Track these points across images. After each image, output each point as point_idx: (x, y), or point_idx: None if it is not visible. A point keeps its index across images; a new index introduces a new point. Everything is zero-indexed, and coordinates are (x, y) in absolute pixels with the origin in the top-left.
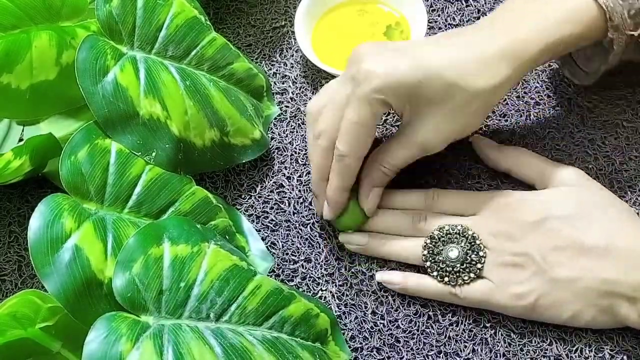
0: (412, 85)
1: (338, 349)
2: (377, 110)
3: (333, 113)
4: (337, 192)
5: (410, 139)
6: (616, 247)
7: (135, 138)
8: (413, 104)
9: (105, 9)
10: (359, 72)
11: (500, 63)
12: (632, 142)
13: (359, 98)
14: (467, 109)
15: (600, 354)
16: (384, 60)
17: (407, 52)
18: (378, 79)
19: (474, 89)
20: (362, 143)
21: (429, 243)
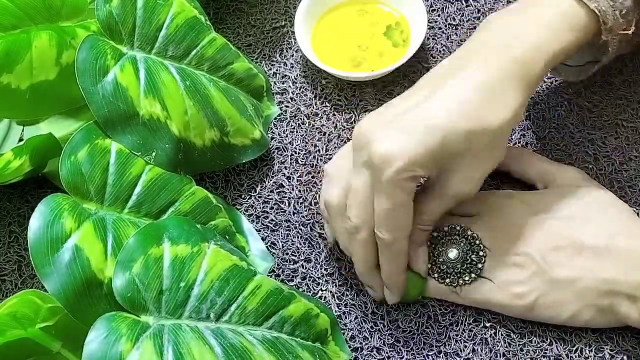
0: (433, 152)
1: (338, 349)
2: (408, 188)
3: (361, 207)
4: (396, 276)
5: (443, 193)
6: (616, 246)
7: (135, 138)
8: (439, 164)
9: (105, 9)
10: (373, 157)
11: (508, 92)
12: (632, 142)
13: (388, 184)
14: (492, 147)
15: (600, 354)
16: (394, 139)
17: (412, 120)
18: (397, 161)
19: (495, 128)
20: (405, 224)
21: (428, 245)
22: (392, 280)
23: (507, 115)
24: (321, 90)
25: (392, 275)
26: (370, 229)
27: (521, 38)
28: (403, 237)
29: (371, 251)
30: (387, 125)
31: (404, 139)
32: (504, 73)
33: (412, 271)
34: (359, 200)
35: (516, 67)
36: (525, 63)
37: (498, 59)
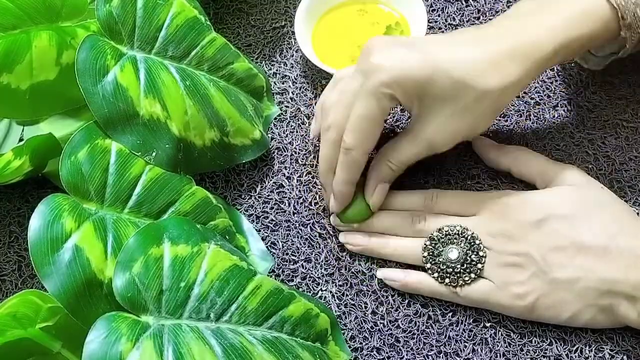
0: (421, 81)
1: (338, 349)
2: (385, 105)
3: (342, 106)
4: (343, 184)
5: (418, 136)
6: (616, 246)
7: (135, 138)
8: (421, 100)
9: (105, 9)
10: (369, 65)
11: (510, 63)
12: (632, 142)
13: (367, 92)
14: (476, 108)
15: (600, 354)
16: (393, 55)
17: (417, 48)
18: (386, 73)
19: (483, 89)
20: (369, 137)
21: (428, 245)
22: (340, 188)
23: (500, 83)
24: (321, 90)
25: (341, 182)
26: (341, 132)
27: (537, 22)
28: (363, 150)
29: (334, 152)
30: (393, 46)
31: (399, 58)
32: (511, 47)
33: (363, 198)
34: (342, 102)
35: (524, 45)
36: (534, 43)
37: (512, 35)
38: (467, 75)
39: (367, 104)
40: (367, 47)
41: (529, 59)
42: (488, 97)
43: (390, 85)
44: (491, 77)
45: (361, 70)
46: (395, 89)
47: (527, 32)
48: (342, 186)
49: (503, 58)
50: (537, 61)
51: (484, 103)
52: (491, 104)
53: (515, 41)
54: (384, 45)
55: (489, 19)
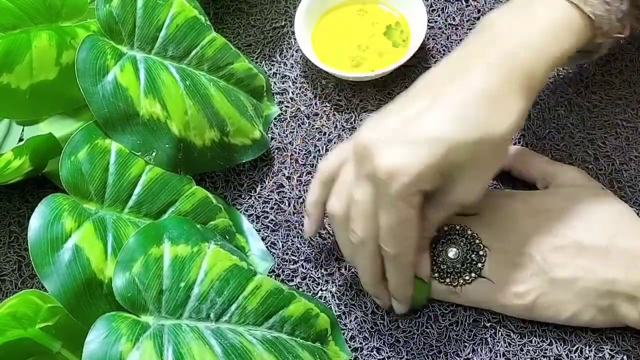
0: (439, 164)
1: (338, 349)
2: (415, 203)
3: (365, 219)
4: (402, 287)
5: (446, 202)
6: (616, 246)
7: (135, 138)
8: (445, 175)
9: (105, 9)
10: (378, 172)
11: (511, 99)
12: (632, 142)
13: (391, 200)
14: (495, 155)
15: (600, 354)
16: (398, 154)
17: (415, 132)
18: (403, 177)
19: (498, 136)
20: (411, 238)
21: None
22: (400, 291)
23: (510, 123)
24: (321, 90)
25: (399, 286)
26: (376, 242)
27: (523, 45)
28: (410, 250)
29: (377, 263)
30: (390, 137)
31: (409, 153)
32: (506, 80)
33: (416, 277)
34: (363, 214)
35: (518, 74)
36: (528, 70)
37: (500, 66)
38: (480, 133)
39: (399, 211)
40: (361, 148)
41: (527, 88)
42: (505, 139)
43: (412, 185)
44: (502, 121)
45: (367, 176)
46: (419, 185)
47: (515, 62)
48: (403, 289)
49: (504, 99)
50: (534, 86)
51: (501, 146)
52: (507, 144)
53: (509, 76)
54: (381, 145)
55: None
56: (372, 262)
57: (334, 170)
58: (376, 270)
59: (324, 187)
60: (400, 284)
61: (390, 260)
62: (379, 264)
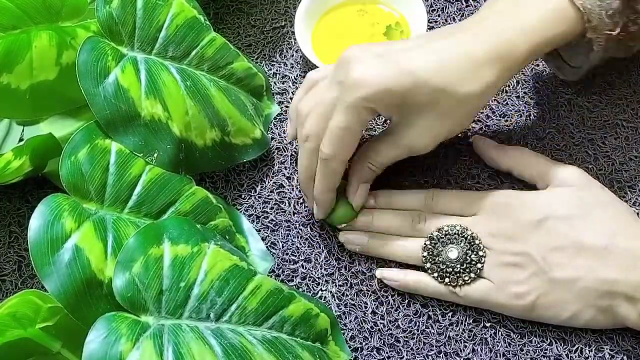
0: (400, 93)
1: (338, 349)
2: (364, 118)
3: (319, 117)
4: (323, 193)
5: (398, 140)
6: (616, 247)
7: (136, 139)
8: (401, 109)
9: (105, 10)
10: (347, 78)
11: (486, 67)
12: (632, 142)
13: (346, 105)
14: (455, 112)
15: (600, 354)
16: (371, 69)
17: (394, 59)
18: (366, 88)
19: (461, 94)
20: (347, 148)
21: (428, 244)
22: (320, 196)
23: (477, 87)
24: None
25: (322, 191)
26: (318, 142)
27: (511, 22)
28: (341, 159)
29: (312, 161)
30: (372, 54)
31: (378, 71)
32: (488, 49)
33: (347, 200)
34: (319, 112)
35: (501, 50)
36: (511, 48)
37: (488, 36)
38: (446, 83)
39: (347, 117)
40: (344, 58)
41: (504, 62)
42: (467, 101)
43: (370, 99)
44: (469, 82)
45: (338, 82)
46: (375, 103)
47: (503, 35)
48: (323, 194)
49: (480, 63)
50: (512, 63)
51: (463, 107)
52: (470, 108)
53: (491, 44)
54: (362, 58)
55: None
56: (309, 159)
57: (319, 79)
58: (309, 167)
59: (306, 92)
60: (322, 188)
61: (321, 161)
62: (314, 162)
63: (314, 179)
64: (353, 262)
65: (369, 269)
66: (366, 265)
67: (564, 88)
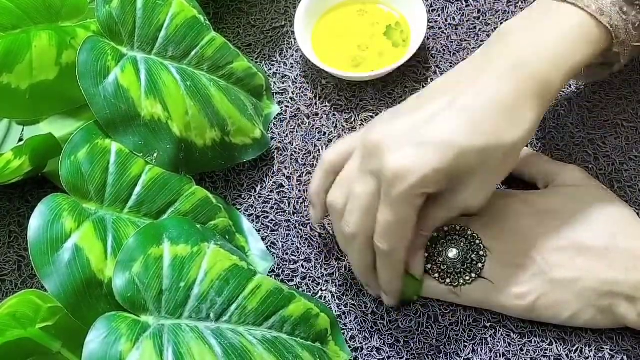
0: (447, 169)
1: (338, 349)
2: (416, 204)
3: (362, 213)
4: (391, 282)
5: (450, 205)
6: (616, 247)
7: (136, 139)
8: (451, 181)
9: (105, 10)
10: (385, 171)
11: (524, 108)
12: (632, 142)
13: (395, 199)
14: (505, 163)
15: (600, 354)
16: (408, 154)
17: (425, 135)
18: (411, 178)
19: (508, 145)
20: (405, 237)
21: (428, 245)
22: (389, 286)
23: (521, 133)
24: (321, 90)
25: (388, 281)
26: (368, 237)
27: (539, 54)
28: (402, 248)
29: (368, 256)
30: (401, 137)
31: (418, 155)
32: (520, 90)
33: (408, 273)
34: (360, 208)
35: (533, 84)
36: (541, 80)
37: (515, 75)
38: (488, 141)
39: (399, 210)
40: (372, 146)
41: (540, 98)
42: (514, 149)
43: (418, 186)
44: (511, 131)
45: (373, 173)
46: (424, 187)
47: (530, 70)
48: (391, 284)
49: (516, 107)
50: (547, 96)
51: (512, 156)
52: (518, 152)
53: (521, 83)
54: (392, 143)
55: (489, 19)
56: (362, 255)
57: (338, 161)
58: (366, 263)
59: (326, 177)
60: (390, 279)
61: (381, 255)
62: (370, 256)
63: (372, 270)
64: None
65: None
66: None
67: (564, 88)
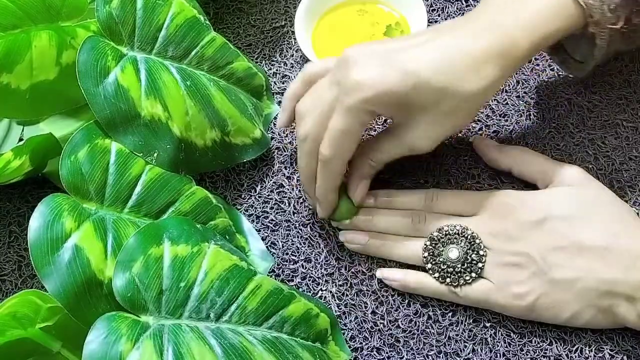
0: (401, 95)
1: (338, 349)
2: (364, 120)
3: (317, 117)
4: (325, 193)
5: (400, 139)
6: (616, 247)
7: (136, 139)
8: (402, 110)
9: (105, 9)
10: (347, 80)
11: (488, 65)
12: (632, 142)
13: (346, 107)
14: (457, 111)
15: (600, 354)
16: (371, 70)
17: (393, 59)
18: (366, 91)
19: (464, 93)
20: (347, 149)
21: (428, 245)
22: (322, 196)
23: (480, 85)
24: None
25: (323, 191)
26: (316, 143)
27: (511, 18)
28: (341, 160)
29: (312, 162)
30: (373, 55)
31: (380, 73)
32: (489, 46)
33: (348, 197)
34: (317, 112)
35: (502, 46)
36: (512, 44)
37: (488, 33)
38: (448, 83)
39: (346, 120)
40: (343, 59)
41: (506, 59)
42: (469, 100)
43: (371, 102)
44: (471, 81)
45: (338, 82)
46: (376, 105)
47: (503, 31)
48: (325, 195)
49: (482, 61)
50: (514, 60)
51: (465, 106)
52: (472, 106)
53: (491, 41)
54: (361, 59)
55: None
56: (308, 159)
57: (317, 73)
58: (309, 168)
59: (302, 85)
60: (324, 189)
61: (321, 162)
62: (314, 163)
63: (314, 178)
64: (353, 262)
65: (369, 269)
66: (366, 265)
67: (564, 88)
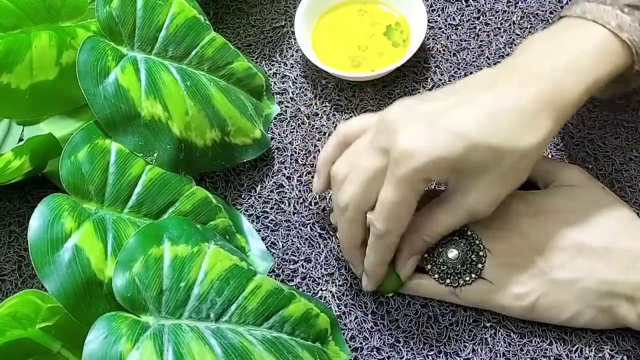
0: (454, 160)
1: (338, 349)
2: (419, 189)
3: (361, 185)
4: (376, 266)
5: (458, 207)
6: (616, 247)
7: (136, 139)
8: (458, 174)
9: (105, 10)
10: (394, 148)
11: (541, 117)
12: (632, 142)
13: (399, 178)
14: (516, 169)
15: (600, 354)
16: (420, 136)
17: (440, 122)
18: (418, 158)
19: (520, 150)
20: (402, 222)
21: None
22: (372, 269)
23: (535, 141)
24: (321, 90)
25: (373, 264)
26: (361, 210)
27: (559, 67)
28: (396, 233)
29: (356, 230)
30: (417, 119)
31: (429, 138)
32: (539, 99)
33: (393, 269)
34: (360, 180)
35: (552, 95)
36: (562, 91)
37: (535, 84)
38: (502, 141)
39: (401, 191)
40: (386, 123)
41: (558, 109)
42: (527, 156)
43: (425, 170)
44: (526, 136)
45: (382, 149)
46: (431, 172)
47: (550, 79)
48: (376, 268)
49: (534, 114)
50: (566, 107)
51: (524, 162)
52: (530, 161)
53: (540, 91)
54: (407, 124)
55: (489, 19)
56: (351, 227)
57: (352, 134)
58: (353, 237)
59: (337, 148)
60: (375, 262)
61: (374, 236)
62: (358, 232)
63: (357, 247)
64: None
65: None
66: None
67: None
